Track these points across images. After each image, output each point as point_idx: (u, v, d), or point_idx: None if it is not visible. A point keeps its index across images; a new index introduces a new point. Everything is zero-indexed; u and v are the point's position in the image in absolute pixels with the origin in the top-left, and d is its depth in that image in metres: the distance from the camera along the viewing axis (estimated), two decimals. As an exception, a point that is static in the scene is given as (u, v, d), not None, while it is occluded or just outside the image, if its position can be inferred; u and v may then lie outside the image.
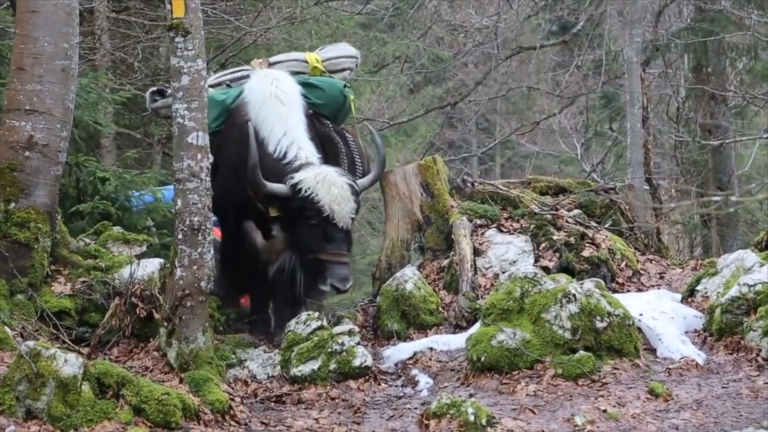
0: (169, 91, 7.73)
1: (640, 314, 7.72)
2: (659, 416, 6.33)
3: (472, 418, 6.13)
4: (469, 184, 9.95)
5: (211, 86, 8.41)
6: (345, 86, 8.84)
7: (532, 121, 20.49)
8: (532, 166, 23.78)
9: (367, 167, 8.57)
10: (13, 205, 7.28)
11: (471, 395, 6.81)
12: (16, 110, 7.38)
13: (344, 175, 7.81)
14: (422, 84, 23.50)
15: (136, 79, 14.08)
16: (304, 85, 8.53)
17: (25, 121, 7.34)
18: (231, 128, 8.21)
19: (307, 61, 8.95)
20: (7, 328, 6.77)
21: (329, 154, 8.21)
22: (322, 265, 7.72)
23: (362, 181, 8.12)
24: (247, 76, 8.67)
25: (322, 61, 8.98)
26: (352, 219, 7.82)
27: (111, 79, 13.16)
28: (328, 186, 7.60)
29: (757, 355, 7.16)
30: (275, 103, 8.13)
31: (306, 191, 7.61)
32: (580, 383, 6.90)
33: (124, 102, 12.32)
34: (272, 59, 9.02)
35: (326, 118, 8.65)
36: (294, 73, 8.70)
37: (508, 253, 9.28)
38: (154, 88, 8.77)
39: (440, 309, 8.57)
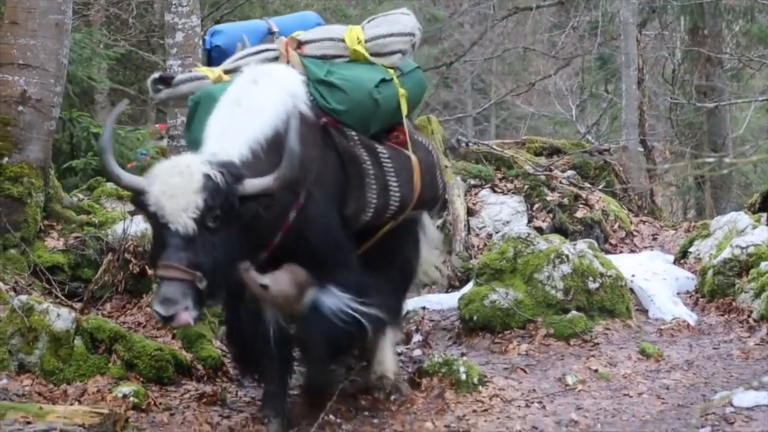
0: (175, 77, 6.39)
1: (633, 275, 7.75)
2: (650, 376, 6.36)
3: (463, 376, 6.15)
4: (463, 144, 9.97)
5: (228, 72, 6.43)
6: (384, 81, 6.38)
7: (528, 82, 20.43)
8: (527, 127, 23.77)
9: (440, 182, 6.65)
10: (6, 159, 7.26)
11: (463, 354, 6.83)
12: (9, 64, 7.34)
13: (212, 164, 5.32)
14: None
15: (131, 35, 14.01)
16: (322, 83, 6.31)
17: (19, 76, 7.30)
18: None
19: (344, 41, 6.54)
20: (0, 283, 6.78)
21: (351, 176, 6.10)
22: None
23: (254, 182, 5.39)
24: (274, 58, 6.45)
25: (366, 41, 6.54)
26: (195, 220, 5.20)
27: (105, 34, 13.11)
28: (171, 175, 5.30)
29: (749, 316, 7.19)
30: (233, 108, 5.82)
31: (142, 182, 5.37)
32: (571, 343, 6.93)
33: (118, 58, 12.29)
34: (304, 37, 6.60)
35: (352, 128, 6.29)
36: (329, 57, 6.51)
37: (502, 213, 9.30)
38: (156, 76, 6.56)
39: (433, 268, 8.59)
